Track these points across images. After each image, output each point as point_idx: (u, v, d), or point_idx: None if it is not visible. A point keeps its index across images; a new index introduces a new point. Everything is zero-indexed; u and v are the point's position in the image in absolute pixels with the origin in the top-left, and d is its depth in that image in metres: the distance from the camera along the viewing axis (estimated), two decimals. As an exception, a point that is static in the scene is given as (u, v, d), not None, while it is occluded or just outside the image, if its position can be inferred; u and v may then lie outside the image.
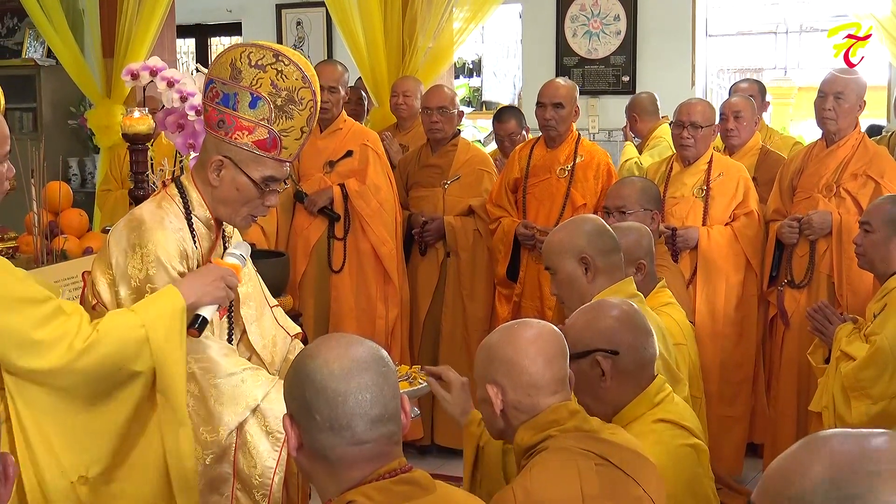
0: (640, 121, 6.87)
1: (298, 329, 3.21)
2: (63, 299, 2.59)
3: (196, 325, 2.65)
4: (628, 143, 7.06)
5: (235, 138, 2.70)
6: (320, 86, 5.15)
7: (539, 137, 5.43)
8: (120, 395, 2.57)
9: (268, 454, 2.70)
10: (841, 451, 1.25)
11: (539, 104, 5.27)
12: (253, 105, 2.67)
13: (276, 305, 3.19)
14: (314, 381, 1.93)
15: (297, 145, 2.75)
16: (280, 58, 2.67)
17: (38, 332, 2.43)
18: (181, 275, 2.71)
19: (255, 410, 2.70)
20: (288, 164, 2.78)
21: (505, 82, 11.33)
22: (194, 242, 2.79)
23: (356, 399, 1.92)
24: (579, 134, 5.39)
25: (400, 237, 5.45)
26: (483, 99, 11.34)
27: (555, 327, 2.54)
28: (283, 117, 2.68)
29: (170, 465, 2.60)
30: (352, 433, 1.92)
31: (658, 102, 6.99)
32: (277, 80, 2.66)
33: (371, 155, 5.37)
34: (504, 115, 6.49)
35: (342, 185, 5.30)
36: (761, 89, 6.33)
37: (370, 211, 5.28)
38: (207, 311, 2.68)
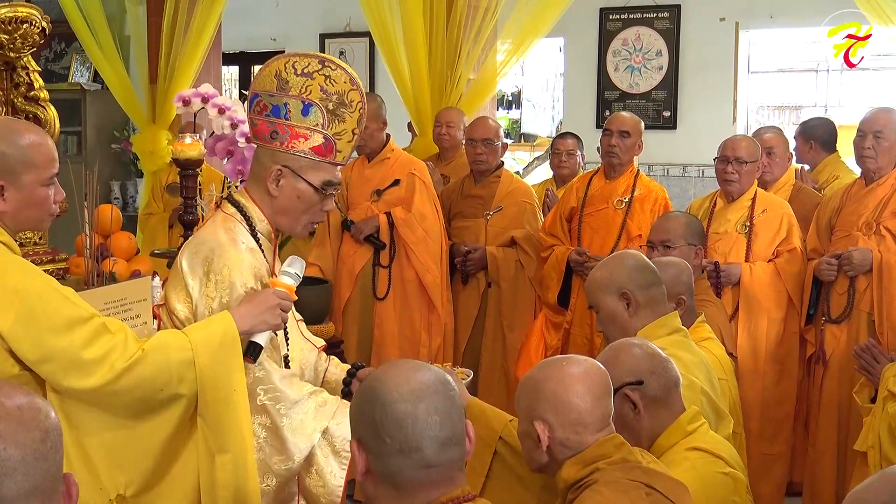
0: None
1: (322, 342, 3.23)
2: (108, 317, 2.60)
3: (251, 353, 2.65)
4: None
5: (292, 147, 2.72)
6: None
7: (598, 169, 5.48)
8: (161, 416, 2.57)
9: (337, 473, 2.71)
10: None
11: (606, 131, 5.33)
12: (305, 112, 2.70)
13: (301, 320, 3.19)
14: (384, 404, 1.95)
15: (350, 147, 2.79)
16: (326, 63, 2.71)
17: (86, 352, 2.44)
18: None
19: (325, 432, 2.70)
20: (341, 167, 2.81)
21: (544, 114, 11.35)
22: (263, 255, 2.81)
23: (426, 421, 1.94)
24: (639, 169, 5.42)
25: (445, 266, 5.48)
26: (522, 131, 11.36)
27: (600, 364, 2.55)
28: (336, 121, 2.71)
29: (202, 493, 2.61)
30: (421, 455, 1.93)
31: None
32: (326, 85, 2.69)
33: (418, 184, 5.42)
34: (565, 134, 6.85)
35: (388, 214, 5.34)
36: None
37: (415, 239, 5.32)
38: (262, 338, 2.67)
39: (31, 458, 1.52)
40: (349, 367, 3.10)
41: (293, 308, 3.15)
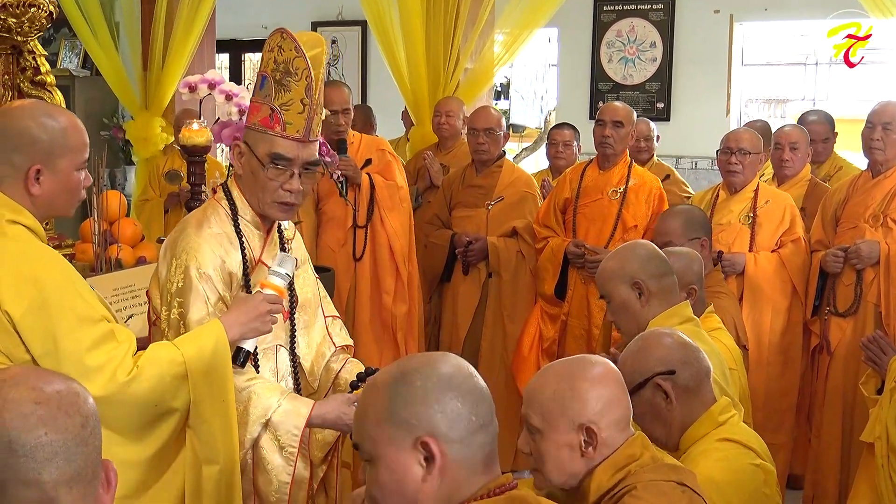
0: None
1: (349, 341, 3.16)
2: (117, 325, 2.57)
3: (239, 359, 2.64)
4: None
5: (249, 121, 2.75)
6: (335, 110, 5.09)
7: (591, 160, 5.47)
8: (153, 430, 2.56)
9: (282, 469, 2.69)
10: None
11: (599, 122, 5.31)
12: (261, 85, 2.72)
13: (335, 316, 3.16)
14: (458, 385, 1.86)
15: (302, 119, 2.70)
16: (283, 34, 2.70)
17: (89, 356, 2.42)
18: (211, 292, 2.69)
19: (266, 424, 2.68)
20: (304, 143, 2.72)
21: (533, 105, 11.35)
22: (242, 244, 2.77)
23: (485, 394, 1.90)
24: (632, 159, 5.41)
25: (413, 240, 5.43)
26: (511, 122, 11.35)
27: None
28: (282, 91, 2.69)
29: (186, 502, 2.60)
30: (494, 426, 1.89)
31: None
32: (277, 55, 2.69)
33: (389, 158, 5.38)
34: (562, 125, 6.85)
35: (368, 175, 5.24)
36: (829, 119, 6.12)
37: (391, 205, 5.26)
38: (250, 344, 2.66)
39: (73, 444, 1.50)
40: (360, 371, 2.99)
41: (329, 303, 3.14)
